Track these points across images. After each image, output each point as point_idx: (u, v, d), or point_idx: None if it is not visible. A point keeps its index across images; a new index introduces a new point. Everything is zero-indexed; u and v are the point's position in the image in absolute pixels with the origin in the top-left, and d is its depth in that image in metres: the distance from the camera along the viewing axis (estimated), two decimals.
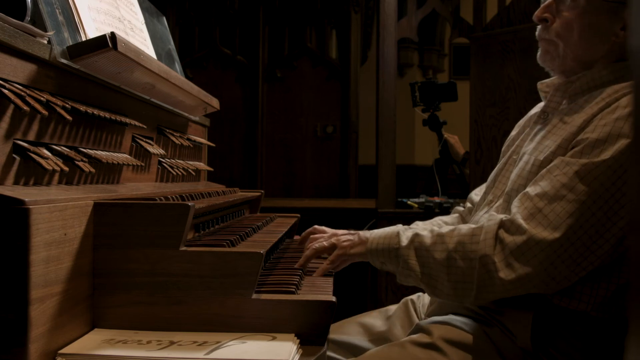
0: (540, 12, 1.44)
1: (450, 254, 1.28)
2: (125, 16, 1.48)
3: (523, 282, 1.22)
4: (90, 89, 1.18)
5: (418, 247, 1.32)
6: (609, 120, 1.25)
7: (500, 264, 1.22)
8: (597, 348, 1.27)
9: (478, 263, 1.24)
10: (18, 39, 0.92)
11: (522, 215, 1.24)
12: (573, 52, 1.39)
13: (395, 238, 1.36)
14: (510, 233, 1.24)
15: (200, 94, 1.67)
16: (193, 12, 4.60)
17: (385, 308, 1.73)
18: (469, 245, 1.26)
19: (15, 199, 0.82)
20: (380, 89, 3.42)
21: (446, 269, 1.28)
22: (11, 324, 0.82)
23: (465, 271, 1.26)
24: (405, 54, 6.04)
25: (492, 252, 1.23)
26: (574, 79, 1.40)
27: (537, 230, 1.21)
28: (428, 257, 1.30)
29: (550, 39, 1.42)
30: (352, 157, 4.57)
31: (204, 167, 1.98)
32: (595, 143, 1.24)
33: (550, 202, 1.23)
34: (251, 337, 1.00)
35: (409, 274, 1.34)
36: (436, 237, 1.31)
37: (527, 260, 1.21)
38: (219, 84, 4.54)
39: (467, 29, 3.55)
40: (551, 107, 1.45)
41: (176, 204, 1.06)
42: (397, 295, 3.29)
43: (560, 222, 1.21)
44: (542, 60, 1.48)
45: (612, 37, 1.36)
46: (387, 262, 1.37)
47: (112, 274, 1.02)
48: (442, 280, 1.29)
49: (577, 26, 1.37)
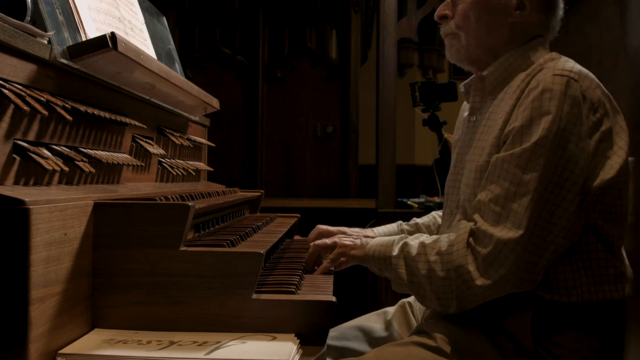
0: (439, 12, 1.49)
1: (431, 265, 1.30)
2: (125, 16, 1.48)
3: (501, 285, 1.24)
4: (90, 89, 1.18)
5: (406, 257, 1.35)
6: (526, 105, 1.27)
7: (476, 273, 1.25)
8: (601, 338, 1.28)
9: (454, 274, 1.27)
10: (18, 39, 0.92)
11: (485, 221, 1.27)
12: (475, 39, 1.43)
13: (390, 247, 1.39)
14: (480, 242, 1.26)
15: (200, 94, 1.67)
16: (193, 12, 4.60)
17: (383, 310, 1.72)
18: (446, 256, 1.29)
19: (16, 199, 0.82)
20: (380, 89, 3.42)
21: (428, 280, 1.31)
22: (11, 323, 0.82)
23: (445, 282, 1.28)
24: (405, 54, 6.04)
25: (466, 262, 1.26)
26: (486, 73, 1.43)
27: (503, 233, 1.23)
28: (414, 267, 1.33)
29: (452, 32, 1.46)
30: (352, 157, 4.57)
31: (204, 167, 1.98)
32: (521, 130, 1.26)
33: (506, 204, 1.25)
34: (251, 337, 1.00)
35: (400, 283, 1.37)
36: (420, 247, 1.34)
37: (500, 263, 1.23)
38: (219, 84, 4.54)
39: None
40: (476, 108, 1.48)
41: (176, 204, 1.06)
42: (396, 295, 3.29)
43: (521, 218, 1.23)
44: (449, 55, 1.51)
45: (508, 19, 1.40)
46: (384, 269, 1.40)
47: (112, 274, 1.02)
48: (428, 291, 1.32)
49: (472, 14, 1.41)
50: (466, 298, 1.27)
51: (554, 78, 1.26)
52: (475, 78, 1.47)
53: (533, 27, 1.42)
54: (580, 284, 1.28)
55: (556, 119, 1.23)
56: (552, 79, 1.26)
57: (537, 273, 1.25)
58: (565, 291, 1.28)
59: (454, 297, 1.28)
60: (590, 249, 1.29)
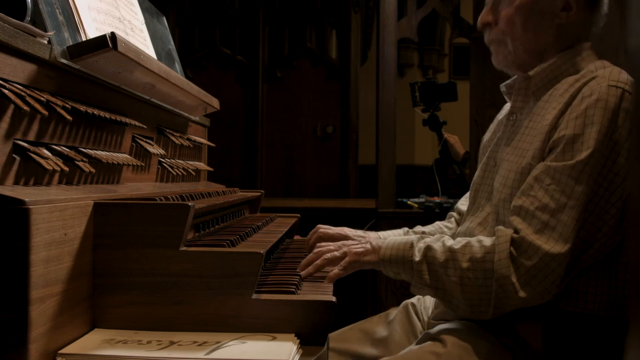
0: (481, 19, 1.48)
1: (464, 273, 1.26)
2: (125, 16, 1.48)
3: (543, 296, 1.23)
4: (90, 89, 1.18)
5: (431, 262, 1.30)
6: (579, 113, 1.26)
7: (518, 284, 1.22)
8: (609, 351, 1.27)
9: (495, 284, 1.23)
10: (18, 39, 0.92)
11: (531, 232, 1.23)
12: (522, 45, 1.42)
13: (409, 250, 1.33)
14: (524, 252, 1.22)
15: (200, 94, 1.67)
16: (193, 12, 4.60)
17: (385, 313, 1.72)
18: (482, 264, 1.25)
19: (16, 199, 0.82)
20: (380, 89, 3.42)
21: (460, 287, 1.27)
22: (11, 324, 0.82)
23: (482, 291, 1.25)
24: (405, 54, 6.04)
25: (509, 273, 1.22)
26: (531, 73, 1.41)
27: (550, 245, 1.21)
28: (442, 274, 1.29)
29: (498, 39, 1.45)
30: (352, 157, 4.57)
31: (204, 167, 1.98)
32: (574, 138, 1.24)
33: (555, 214, 1.22)
34: (251, 337, 1.00)
35: (423, 288, 1.33)
36: (448, 253, 1.29)
37: (545, 276, 1.21)
38: (219, 84, 4.54)
39: (467, 29, 3.55)
40: (517, 107, 1.46)
41: (176, 204, 1.06)
42: (397, 295, 3.29)
43: (570, 231, 1.21)
44: (496, 61, 1.50)
45: (555, 20, 1.38)
46: (402, 272, 1.35)
47: (112, 274, 1.02)
48: (458, 297, 1.28)
49: (518, 19, 1.40)
50: (504, 307, 1.25)
51: (609, 89, 1.25)
52: (520, 78, 1.45)
53: (579, 27, 1.40)
54: (601, 293, 1.28)
55: (609, 132, 1.22)
56: (607, 89, 1.24)
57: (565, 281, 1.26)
58: (582, 303, 1.28)
59: (491, 306, 1.25)
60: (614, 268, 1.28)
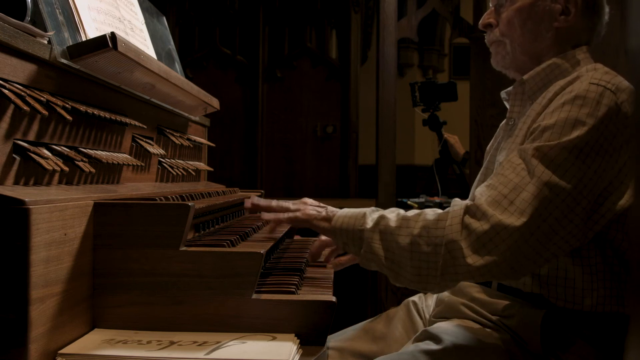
0: (483, 20, 1.49)
1: (415, 238, 1.23)
2: (125, 16, 1.48)
3: (490, 269, 1.20)
4: (90, 89, 1.18)
5: (383, 231, 1.27)
6: (556, 107, 1.26)
7: (467, 250, 1.19)
8: (610, 350, 1.27)
9: (444, 249, 1.21)
10: (18, 39, 0.92)
11: (487, 201, 1.22)
12: (520, 46, 1.43)
13: (361, 219, 1.30)
14: (476, 219, 1.21)
15: (200, 94, 1.67)
16: (193, 12, 4.60)
17: (386, 312, 1.72)
18: (434, 230, 1.23)
19: (16, 199, 0.82)
20: (380, 89, 3.42)
21: (409, 254, 1.24)
22: (11, 324, 0.82)
23: (430, 257, 1.22)
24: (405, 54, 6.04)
25: (459, 238, 1.20)
26: (525, 77, 1.42)
27: (504, 216, 1.19)
28: (392, 241, 1.26)
29: (497, 40, 1.47)
30: (352, 157, 4.57)
31: (204, 167, 1.98)
32: (545, 128, 1.24)
33: (515, 189, 1.21)
34: (251, 337, 1.00)
35: (372, 258, 1.29)
36: (401, 220, 1.27)
37: (494, 246, 1.19)
38: (219, 84, 4.54)
39: (467, 29, 3.55)
40: (515, 112, 1.47)
41: (176, 204, 1.06)
42: (397, 295, 3.29)
43: (526, 206, 1.19)
44: (495, 62, 1.52)
45: (553, 24, 1.39)
46: (350, 243, 1.31)
47: (112, 274, 1.02)
48: (405, 265, 1.25)
49: (517, 21, 1.41)
50: (449, 275, 1.22)
51: (590, 86, 1.25)
52: (516, 83, 1.46)
53: (578, 32, 1.41)
54: (597, 295, 1.27)
55: (584, 126, 1.21)
56: (588, 86, 1.25)
57: (528, 269, 1.23)
58: (580, 299, 1.28)
59: (438, 274, 1.22)
60: (609, 262, 1.28)
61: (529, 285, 1.32)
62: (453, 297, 1.46)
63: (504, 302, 1.35)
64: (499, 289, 1.38)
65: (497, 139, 1.56)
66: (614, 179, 1.23)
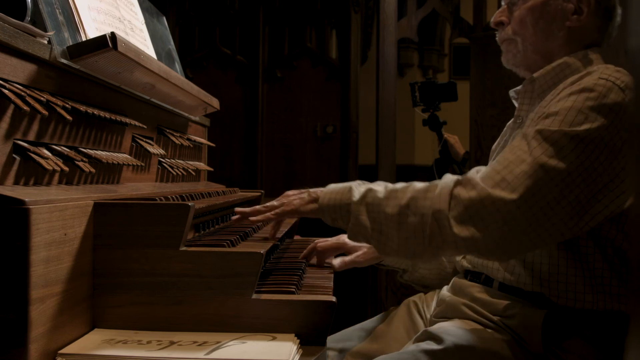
0: (495, 18, 1.49)
1: (402, 209, 1.23)
2: (125, 16, 1.48)
3: (476, 241, 1.18)
4: (90, 89, 1.18)
5: (370, 203, 1.27)
6: (562, 96, 1.26)
7: (454, 220, 1.18)
8: (610, 349, 1.27)
9: (431, 218, 1.20)
10: (18, 39, 0.92)
11: (480, 176, 1.21)
12: (532, 45, 1.43)
13: (348, 193, 1.30)
14: (465, 189, 1.20)
15: (200, 94, 1.67)
16: (193, 12, 4.60)
17: (386, 312, 1.72)
18: (422, 200, 1.22)
19: (16, 199, 0.82)
20: (380, 89, 3.42)
21: (397, 225, 1.23)
22: (11, 324, 0.82)
23: (417, 226, 1.21)
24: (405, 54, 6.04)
25: (446, 207, 1.19)
26: (536, 75, 1.42)
27: (494, 190, 1.17)
28: (379, 212, 1.25)
29: (509, 38, 1.47)
30: (352, 157, 4.56)
31: (204, 167, 1.98)
32: (548, 114, 1.24)
33: (509, 166, 1.20)
34: (251, 337, 1.00)
35: (359, 231, 1.28)
36: (389, 192, 1.27)
37: (481, 218, 1.17)
38: (219, 84, 4.54)
39: (467, 29, 3.55)
40: (523, 111, 1.47)
41: (176, 204, 1.06)
42: (397, 295, 3.29)
43: (519, 183, 1.17)
44: (505, 60, 1.51)
45: (565, 23, 1.39)
46: (339, 218, 1.31)
47: (112, 274, 1.02)
48: (392, 236, 1.24)
49: (529, 19, 1.42)
50: (437, 244, 1.21)
51: (599, 80, 1.24)
52: (526, 81, 1.46)
53: (590, 32, 1.41)
54: (598, 293, 1.27)
55: (588, 118, 1.20)
56: (596, 81, 1.24)
57: (514, 250, 1.21)
58: (581, 297, 1.27)
59: (425, 243, 1.21)
60: (610, 260, 1.27)
61: (529, 285, 1.32)
62: (454, 297, 1.46)
63: (505, 302, 1.35)
64: (500, 288, 1.38)
65: (503, 137, 1.56)
66: (615, 177, 1.21)
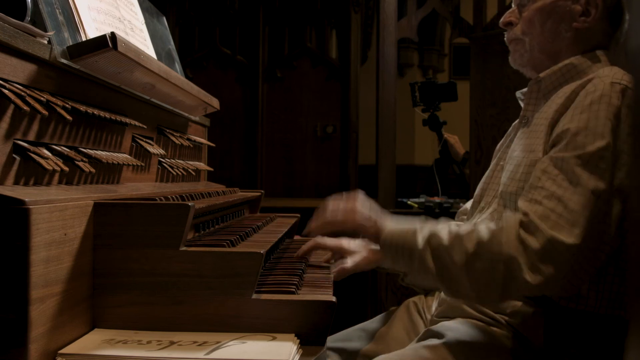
0: (505, 18, 1.51)
1: (471, 257, 1.23)
2: (125, 16, 1.48)
3: (547, 284, 1.19)
4: (90, 89, 1.18)
5: (435, 248, 1.27)
6: (584, 108, 1.26)
7: (525, 267, 1.19)
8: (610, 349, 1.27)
9: (502, 266, 1.20)
10: (18, 39, 0.92)
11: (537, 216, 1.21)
12: (539, 45, 1.44)
13: (412, 237, 1.30)
14: (532, 234, 1.20)
15: (200, 94, 1.67)
16: (193, 12, 4.60)
17: (386, 312, 1.72)
18: (489, 246, 1.22)
19: (16, 199, 0.82)
20: (380, 89, 3.42)
21: (466, 272, 1.23)
22: (11, 324, 0.82)
23: (488, 274, 1.22)
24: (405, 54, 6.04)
25: (517, 254, 1.19)
26: (542, 75, 1.42)
27: (556, 231, 1.18)
28: (446, 258, 1.25)
29: (517, 38, 1.48)
30: (352, 157, 4.57)
31: (204, 167, 1.98)
32: (578, 132, 1.24)
33: (561, 201, 1.21)
34: (251, 337, 1.00)
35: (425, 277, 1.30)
36: (453, 238, 1.26)
37: (552, 261, 1.18)
38: (219, 84, 4.54)
39: (467, 29, 3.55)
40: (529, 111, 1.47)
41: (176, 204, 1.06)
42: (397, 295, 3.29)
43: (577, 217, 1.18)
44: (512, 60, 1.52)
45: (573, 24, 1.40)
46: (400, 260, 1.32)
47: (112, 274, 1.02)
48: (464, 283, 1.25)
49: (537, 20, 1.43)
50: (511, 291, 1.22)
51: (613, 86, 1.25)
52: (532, 81, 1.46)
53: (597, 35, 1.41)
54: (603, 290, 1.27)
55: (614, 127, 1.22)
56: (611, 86, 1.25)
57: (584, 280, 1.22)
58: (584, 299, 1.27)
59: (498, 290, 1.22)
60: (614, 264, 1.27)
61: None
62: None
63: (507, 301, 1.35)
64: None
65: (508, 137, 1.56)
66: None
